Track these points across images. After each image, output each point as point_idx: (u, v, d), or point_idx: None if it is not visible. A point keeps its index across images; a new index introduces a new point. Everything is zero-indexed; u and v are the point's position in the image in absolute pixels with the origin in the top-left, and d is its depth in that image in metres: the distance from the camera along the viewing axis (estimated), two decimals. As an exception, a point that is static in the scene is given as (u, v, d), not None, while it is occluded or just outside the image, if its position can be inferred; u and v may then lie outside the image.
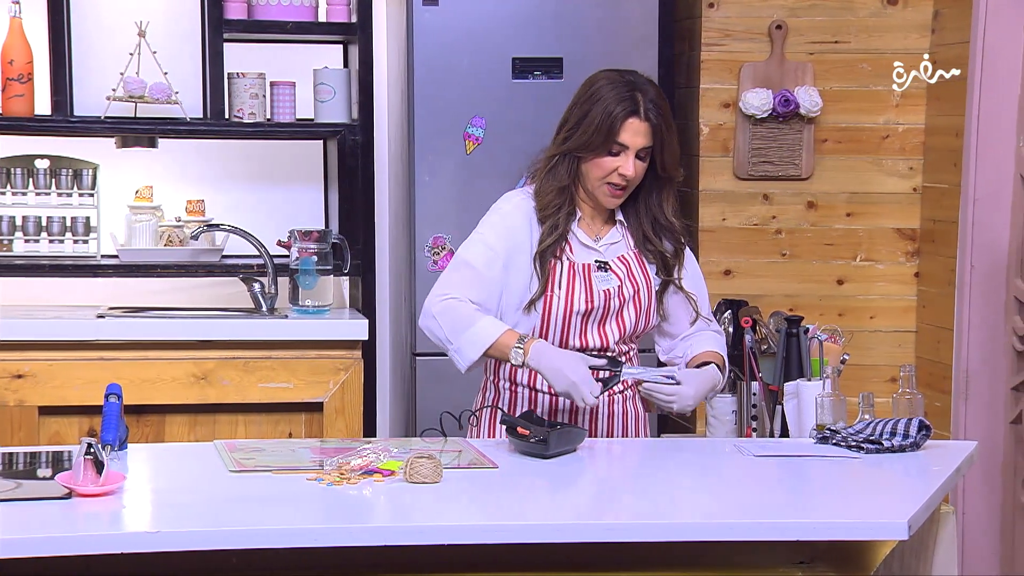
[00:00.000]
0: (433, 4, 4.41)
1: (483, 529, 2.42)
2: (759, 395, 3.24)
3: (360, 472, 2.65)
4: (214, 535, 2.33)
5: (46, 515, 2.37)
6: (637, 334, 3.18)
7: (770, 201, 4.67)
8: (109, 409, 2.73)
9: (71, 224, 4.53)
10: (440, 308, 3.05)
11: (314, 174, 4.81)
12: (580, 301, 3.08)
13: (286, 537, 2.36)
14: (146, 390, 4.22)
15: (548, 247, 3.08)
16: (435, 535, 2.40)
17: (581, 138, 3.08)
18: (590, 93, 3.10)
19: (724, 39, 4.61)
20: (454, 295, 3.05)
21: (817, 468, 2.84)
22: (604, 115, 3.05)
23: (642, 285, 3.14)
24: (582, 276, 3.10)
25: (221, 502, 2.51)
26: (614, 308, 3.11)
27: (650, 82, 3.13)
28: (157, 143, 4.55)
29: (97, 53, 4.56)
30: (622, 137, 3.05)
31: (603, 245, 3.15)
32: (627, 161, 3.06)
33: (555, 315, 3.08)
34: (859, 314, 4.70)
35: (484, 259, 3.08)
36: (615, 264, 3.13)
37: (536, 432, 2.86)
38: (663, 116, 3.08)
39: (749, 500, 2.66)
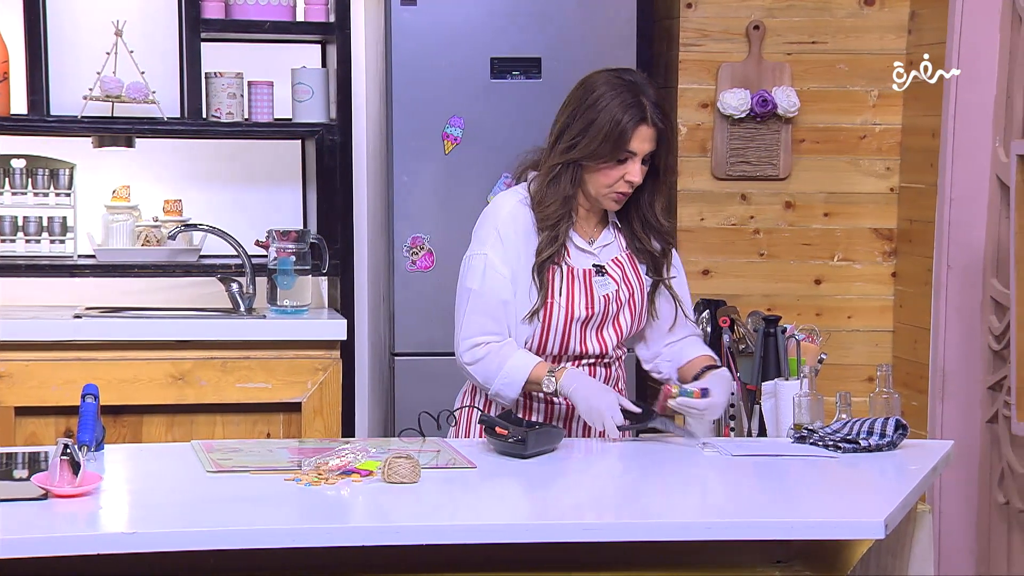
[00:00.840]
0: (411, 4, 4.41)
1: (461, 529, 2.42)
2: (737, 395, 3.24)
3: (338, 472, 2.65)
4: (191, 536, 2.33)
5: (22, 516, 2.36)
6: (628, 336, 3.17)
7: (748, 201, 4.68)
8: (86, 409, 2.72)
9: (48, 224, 4.51)
10: (470, 358, 3.04)
11: (292, 174, 4.80)
12: (580, 308, 3.05)
13: (264, 537, 2.36)
14: (123, 390, 4.20)
15: (548, 256, 3.02)
16: (413, 535, 2.40)
17: (588, 147, 2.99)
18: (593, 100, 3.00)
19: (702, 39, 4.62)
20: (478, 339, 3.03)
21: (794, 468, 2.85)
22: (613, 124, 2.96)
23: (636, 287, 3.13)
24: (582, 282, 3.07)
25: (198, 503, 2.51)
26: (612, 313, 3.09)
27: (648, 81, 3.06)
28: (134, 143, 4.53)
29: (74, 52, 4.54)
30: (632, 145, 2.98)
31: (597, 247, 3.11)
32: (634, 167, 3.00)
33: (555, 323, 3.05)
34: (836, 314, 4.71)
35: (493, 285, 3.02)
36: (610, 267, 3.10)
37: (514, 432, 2.86)
38: (667, 118, 3.03)
39: (726, 500, 2.66)
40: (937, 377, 4.30)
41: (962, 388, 4.26)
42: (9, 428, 4.16)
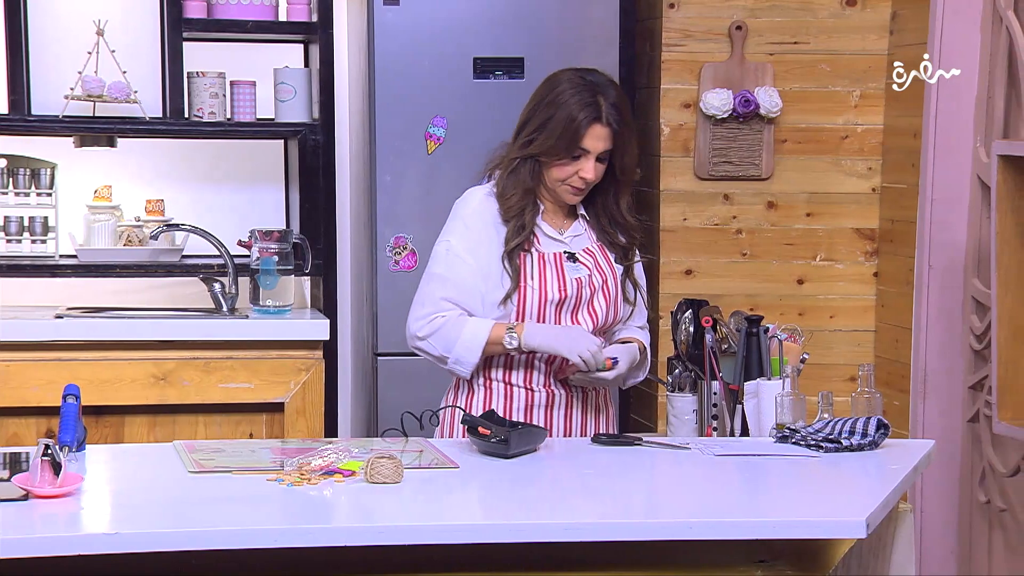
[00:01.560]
0: (394, 4, 4.41)
1: (444, 529, 2.42)
2: (719, 394, 3.25)
3: (321, 472, 2.64)
4: (173, 536, 2.32)
5: (2, 517, 2.35)
6: (607, 327, 3.22)
7: (730, 201, 4.69)
8: (67, 410, 2.71)
9: (29, 224, 4.50)
10: (427, 329, 3.12)
11: (275, 174, 4.80)
12: (554, 290, 3.13)
13: (246, 538, 2.35)
14: (105, 391, 4.19)
15: (516, 245, 3.12)
16: (396, 535, 2.40)
17: (545, 143, 3.11)
18: (552, 97, 3.12)
19: (684, 39, 4.63)
20: (434, 312, 3.11)
21: (777, 467, 2.86)
22: (567, 121, 3.08)
23: (609, 275, 3.20)
24: (554, 266, 3.15)
25: (180, 503, 2.50)
26: (586, 297, 3.16)
27: (611, 83, 3.16)
28: (116, 142, 4.52)
29: (55, 52, 4.53)
30: (585, 143, 3.10)
31: (568, 237, 3.20)
32: (588, 164, 3.11)
33: (530, 306, 3.12)
34: (819, 314, 4.72)
35: (454, 268, 3.12)
36: (582, 255, 3.19)
37: (497, 432, 2.86)
38: (624, 119, 3.12)
39: (709, 499, 2.67)
40: (919, 377, 4.32)
41: (943, 388, 4.27)
42: (-10, 429, 4.15)
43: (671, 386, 3.30)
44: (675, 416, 3.32)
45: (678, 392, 3.28)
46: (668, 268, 4.67)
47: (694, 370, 3.29)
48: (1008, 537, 4.05)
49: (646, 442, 3.03)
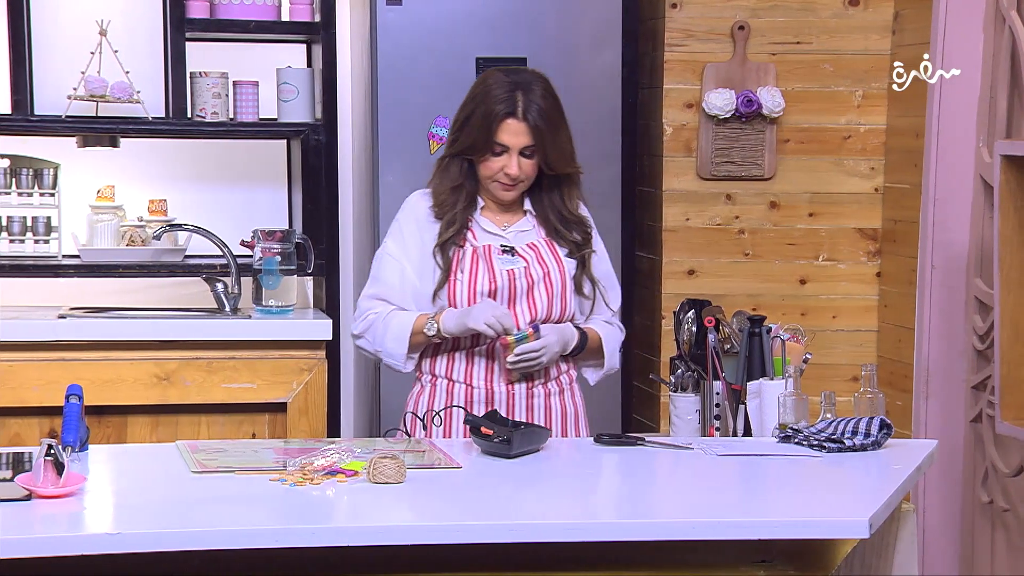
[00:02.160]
0: (396, 4, 4.41)
1: (446, 529, 2.42)
2: (722, 394, 3.25)
3: (323, 473, 2.64)
4: (176, 536, 2.32)
5: (5, 517, 2.36)
6: (556, 321, 3.20)
7: (733, 201, 4.69)
8: (70, 410, 2.71)
9: (32, 224, 4.50)
10: (361, 326, 3.21)
11: (277, 174, 4.80)
12: (483, 282, 3.14)
13: (248, 538, 2.35)
14: (107, 391, 4.19)
15: (448, 239, 3.15)
16: (398, 535, 2.40)
17: (466, 140, 3.15)
18: (473, 95, 3.17)
19: (687, 39, 4.63)
20: (367, 310, 3.20)
21: (779, 467, 2.85)
22: (483, 116, 3.12)
23: (553, 269, 3.20)
24: (485, 258, 3.16)
25: (183, 503, 2.50)
26: (521, 289, 3.16)
27: (538, 80, 3.16)
28: (119, 142, 4.52)
29: (58, 52, 4.53)
30: (501, 138, 3.11)
31: (511, 232, 3.22)
32: (511, 161, 3.12)
33: (460, 298, 3.14)
34: (821, 314, 4.72)
35: (384, 268, 3.20)
36: (524, 249, 3.20)
37: (500, 432, 2.87)
38: (545, 115, 3.12)
39: (711, 499, 2.66)
40: (921, 377, 4.31)
41: (946, 388, 4.27)
42: (-8, 429, 4.15)
43: (673, 386, 3.30)
44: (677, 416, 3.32)
45: (681, 392, 3.28)
46: (670, 268, 4.67)
47: (696, 370, 3.29)
48: (1011, 537, 4.05)
49: (649, 442, 3.03)
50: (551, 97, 3.15)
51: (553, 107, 3.15)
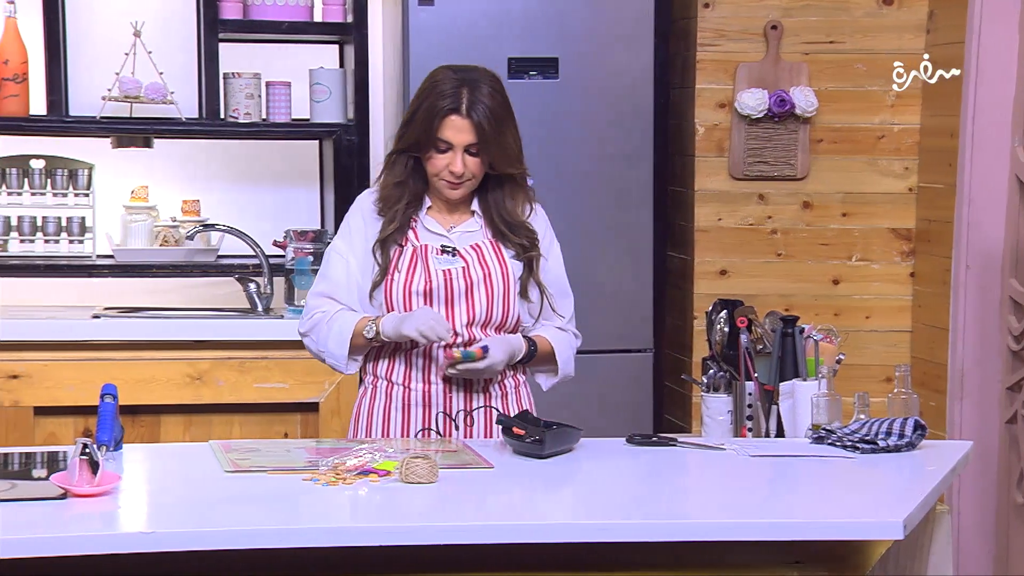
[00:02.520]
0: (428, 4, 4.42)
1: (479, 529, 2.42)
2: (754, 395, 3.24)
3: (356, 472, 2.65)
4: (209, 535, 2.33)
5: (41, 515, 2.37)
6: (499, 324, 3.12)
7: (765, 201, 4.67)
8: (104, 409, 2.72)
9: (67, 224, 4.53)
10: (307, 325, 3.16)
11: (310, 174, 4.81)
12: (419, 281, 3.09)
13: (281, 537, 2.36)
14: (141, 390, 4.21)
15: (388, 236, 3.10)
16: (431, 535, 2.40)
17: (409, 137, 3.09)
18: (422, 90, 3.10)
19: (719, 39, 4.61)
20: (313, 308, 3.15)
21: (812, 468, 2.84)
22: (427, 112, 3.04)
23: (495, 270, 3.12)
24: (422, 258, 3.11)
25: (216, 502, 2.51)
26: (459, 289, 3.09)
27: (487, 78, 3.09)
28: (152, 143, 4.55)
29: (93, 53, 4.56)
30: (444, 134, 3.04)
31: (456, 232, 3.14)
32: (455, 158, 3.05)
33: (395, 297, 3.09)
34: (854, 314, 4.70)
35: (330, 265, 3.15)
36: (465, 250, 3.12)
37: (532, 432, 2.86)
38: (490, 113, 3.03)
39: (744, 500, 2.66)
40: (955, 377, 4.29)
41: (980, 389, 4.24)
42: (28, 428, 4.17)
43: (706, 386, 3.29)
44: (709, 417, 3.32)
45: (713, 392, 3.27)
46: (702, 268, 4.66)
47: (728, 370, 3.28)
48: (1046, 539, 4.03)
49: (681, 443, 3.02)
50: (498, 95, 3.06)
51: (499, 106, 3.06)
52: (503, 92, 3.09)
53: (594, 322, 4.57)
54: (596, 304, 4.57)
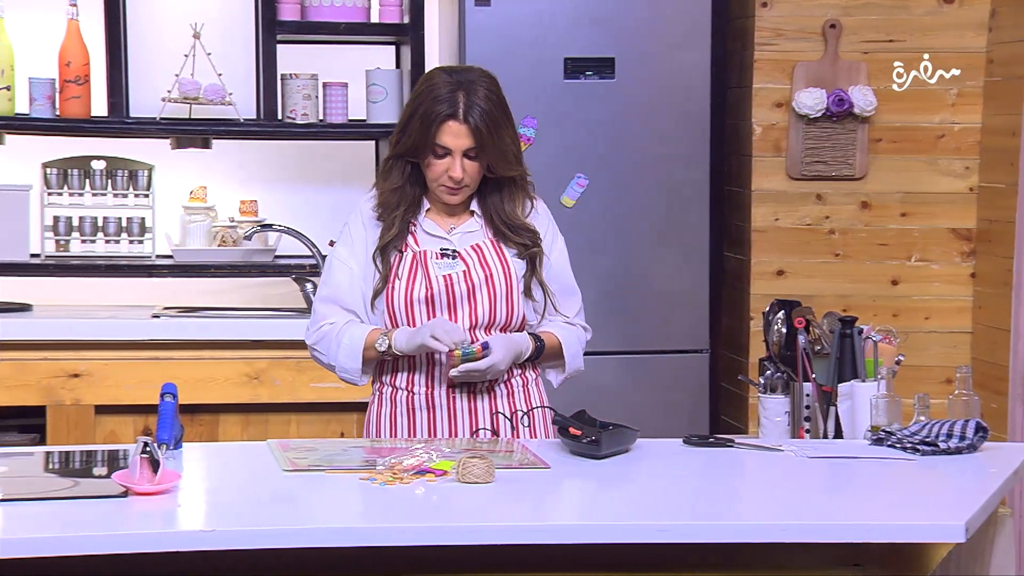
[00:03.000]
0: (485, 5, 4.42)
1: (536, 529, 2.42)
2: (812, 396, 3.21)
3: (412, 472, 2.65)
4: (269, 534, 2.34)
5: (103, 513, 2.39)
6: (503, 325, 3.08)
7: (823, 201, 4.64)
8: (164, 408, 2.74)
9: (127, 224, 4.57)
10: (315, 338, 3.13)
11: (366, 174, 4.82)
12: (420, 288, 3.04)
13: (339, 536, 2.37)
14: (199, 389, 4.24)
15: (388, 242, 3.06)
16: (488, 535, 2.40)
17: (407, 142, 3.03)
18: (418, 94, 3.05)
19: (777, 38, 4.59)
20: (321, 319, 3.11)
21: (872, 470, 2.82)
22: (424, 117, 2.99)
23: (497, 271, 3.08)
24: (422, 264, 3.07)
25: (275, 501, 2.52)
26: (461, 294, 3.05)
27: (483, 80, 3.03)
28: (211, 144, 4.58)
29: (152, 55, 4.60)
30: (442, 140, 2.99)
31: (456, 234, 3.10)
32: (454, 163, 3.00)
33: (397, 305, 3.05)
34: (913, 315, 4.66)
35: (333, 272, 3.12)
36: (466, 252, 3.08)
37: (588, 432, 2.86)
38: (487, 117, 2.98)
39: (803, 501, 2.64)
40: (1017, 379, 4.24)
41: (1042, 390, 4.19)
42: (89, 426, 4.22)
43: (763, 387, 3.27)
44: (767, 418, 3.30)
45: (770, 393, 3.25)
46: (759, 268, 4.64)
47: (786, 371, 3.26)
48: (1109, 543, 3.97)
49: (738, 444, 3.01)
50: (495, 97, 3.01)
51: (497, 108, 3.00)
52: (500, 93, 3.04)
53: (650, 322, 4.57)
54: (652, 304, 4.56)
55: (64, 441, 4.18)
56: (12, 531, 2.30)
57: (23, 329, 4.25)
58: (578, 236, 4.52)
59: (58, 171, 4.54)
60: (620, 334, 4.55)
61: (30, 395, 4.22)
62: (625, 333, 4.54)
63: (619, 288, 4.54)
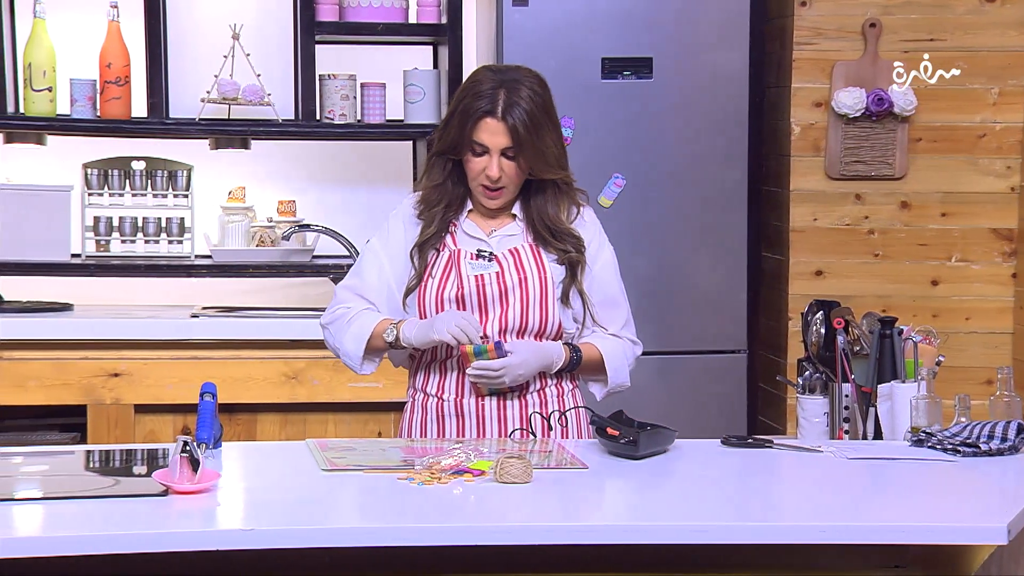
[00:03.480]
0: (523, 5, 4.42)
1: (574, 530, 2.42)
2: (851, 397, 3.20)
3: (451, 472, 2.66)
4: (307, 533, 2.35)
5: (143, 512, 2.41)
6: (537, 331, 3.03)
7: (862, 201, 4.62)
8: (204, 407, 2.76)
9: (166, 225, 4.60)
10: (328, 318, 3.11)
11: (404, 174, 4.84)
12: (451, 287, 3.01)
13: (378, 536, 2.37)
14: (238, 389, 4.26)
15: (426, 240, 3.03)
16: (526, 535, 2.40)
17: (446, 139, 3.00)
18: (462, 90, 3.02)
19: (816, 38, 4.57)
20: (339, 303, 3.09)
21: (912, 471, 2.80)
22: (463, 113, 2.95)
23: (532, 275, 3.03)
24: (455, 262, 3.04)
25: (314, 500, 2.53)
26: (492, 295, 3.01)
27: (528, 79, 2.98)
28: (250, 144, 4.60)
29: (192, 56, 4.62)
30: (479, 137, 2.95)
31: (496, 237, 3.06)
32: (491, 162, 2.95)
33: (428, 302, 3.02)
34: (954, 315, 4.63)
35: (364, 263, 3.10)
36: (503, 255, 3.04)
37: (626, 433, 2.85)
38: (527, 116, 2.93)
39: (843, 503, 2.63)
40: (1059, 380, 4.21)
41: (1084, 392, 4.15)
42: (129, 425, 4.25)
43: (801, 388, 3.26)
44: (805, 419, 3.28)
45: (809, 394, 3.23)
46: (797, 269, 4.62)
47: (825, 372, 3.25)
48: None
49: (777, 444, 3.00)
50: (539, 98, 2.96)
51: (539, 108, 2.95)
52: (545, 95, 2.99)
53: (687, 323, 4.56)
54: (689, 305, 4.55)
55: (104, 440, 4.21)
56: (54, 529, 2.32)
57: (64, 329, 4.29)
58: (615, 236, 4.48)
59: (99, 172, 4.57)
60: (657, 334, 4.54)
61: (71, 394, 4.25)
62: (662, 333, 4.53)
63: (656, 288, 4.53)
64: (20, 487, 2.62)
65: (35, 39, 4.43)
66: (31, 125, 4.45)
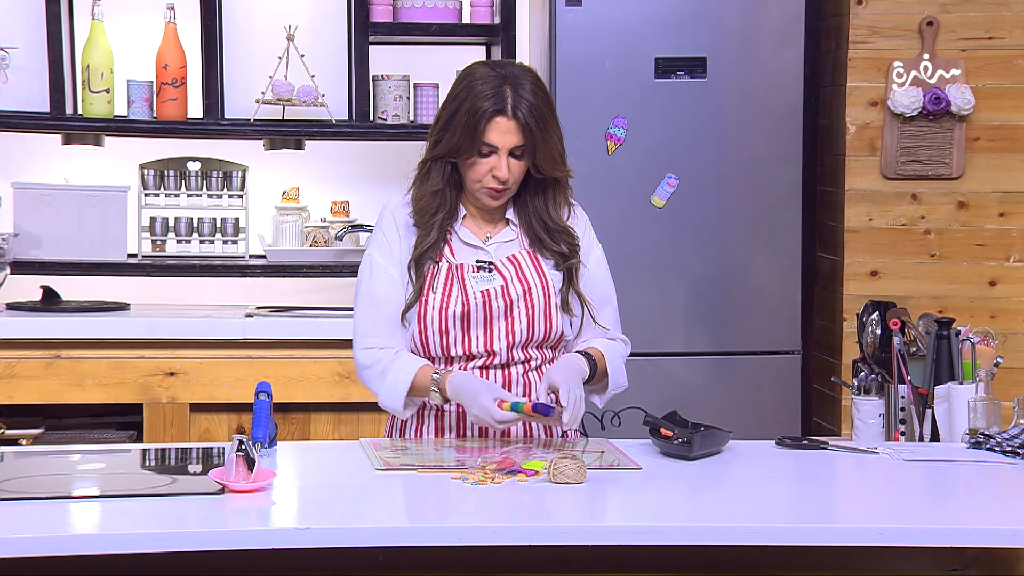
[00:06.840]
0: (576, 5, 4.41)
1: (628, 530, 2.41)
2: (908, 398, 3.17)
3: (504, 472, 2.66)
4: (362, 532, 2.36)
5: (200, 510, 2.42)
6: (541, 341, 2.96)
7: (919, 201, 4.58)
8: (259, 407, 2.77)
9: (221, 225, 4.63)
10: (368, 360, 2.94)
11: (457, 175, 4.84)
12: (456, 303, 2.90)
13: (432, 535, 2.38)
14: (292, 388, 4.29)
15: (423, 252, 2.91)
16: (579, 536, 2.40)
17: (450, 141, 2.88)
18: (459, 90, 2.89)
19: (872, 36, 4.53)
20: (369, 344, 2.94)
21: (970, 473, 2.78)
22: (470, 114, 2.83)
23: (535, 285, 2.94)
24: (459, 277, 2.93)
25: (368, 500, 2.54)
26: (498, 310, 2.91)
27: (527, 74, 2.89)
28: (304, 145, 4.62)
29: (247, 57, 4.65)
30: (489, 137, 2.84)
31: (493, 244, 2.97)
32: (500, 162, 2.85)
33: (431, 320, 2.91)
34: (1012, 316, 4.58)
35: (378, 283, 2.95)
36: (502, 264, 2.95)
37: (680, 433, 2.84)
38: (536, 113, 2.84)
39: (900, 505, 2.60)
40: (1119, 382, 4.15)
41: None
42: (184, 424, 4.28)
43: (857, 389, 3.23)
44: (860, 420, 3.26)
45: (864, 395, 3.20)
46: (852, 269, 4.58)
47: (880, 373, 3.22)
48: None
49: (832, 446, 2.98)
50: (542, 93, 2.86)
51: (544, 104, 2.86)
52: (545, 88, 2.91)
53: (741, 323, 4.54)
54: (743, 305, 4.53)
55: (160, 438, 4.24)
56: (111, 527, 2.34)
57: (121, 328, 4.32)
58: (668, 236, 4.52)
59: (155, 172, 4.61)
60: (711, 335, 4.52)
61: (127, 393, 4.29)
62: (716, 334, 4.52)
63: (710, 289, 4.51)
64: (77, 485, 2.65)
65: (93, 41, 4.47)
66: (89, 126, 4.49)
